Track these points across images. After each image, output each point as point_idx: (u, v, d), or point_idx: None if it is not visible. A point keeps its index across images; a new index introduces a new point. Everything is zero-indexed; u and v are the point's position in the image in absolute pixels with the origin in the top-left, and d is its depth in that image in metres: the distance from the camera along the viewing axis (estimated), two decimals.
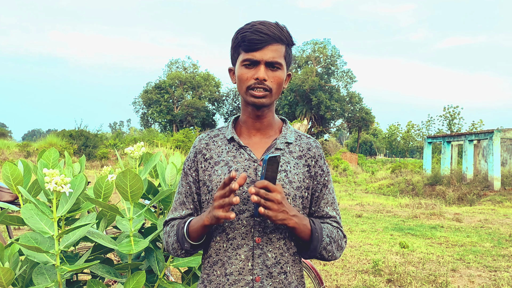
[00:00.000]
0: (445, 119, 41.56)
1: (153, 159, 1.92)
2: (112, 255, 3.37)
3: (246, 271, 1.21)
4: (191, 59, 66.62)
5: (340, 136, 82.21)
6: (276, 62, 1.23)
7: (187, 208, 1.33)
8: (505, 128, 16.61)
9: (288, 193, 1.25)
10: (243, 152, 1.29)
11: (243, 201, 1.23)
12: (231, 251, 1.23)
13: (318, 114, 45.35)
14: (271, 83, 1.23)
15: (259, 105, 1.25)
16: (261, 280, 1.21)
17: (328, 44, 46.94)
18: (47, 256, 1.57)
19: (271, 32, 1.21)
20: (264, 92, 1.23)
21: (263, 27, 1.21)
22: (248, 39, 1.21)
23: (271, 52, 1.22)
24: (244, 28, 1.24)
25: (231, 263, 1.22)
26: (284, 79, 1.28)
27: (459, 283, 4.89)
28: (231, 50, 1.30)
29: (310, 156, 1.33)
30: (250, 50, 1.22)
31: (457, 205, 13.90)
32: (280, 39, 1.23)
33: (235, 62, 1.29)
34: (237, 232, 1.23)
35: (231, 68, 1.35)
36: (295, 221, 1.17)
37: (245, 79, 1.23)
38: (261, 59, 1.21)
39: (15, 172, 1.80)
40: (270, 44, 1.22)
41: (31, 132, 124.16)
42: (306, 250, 1.27)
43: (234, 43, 1.27)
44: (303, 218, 1.21)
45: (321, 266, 5.31)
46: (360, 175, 26.87)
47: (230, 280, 1.22)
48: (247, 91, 1.24)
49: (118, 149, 25.40)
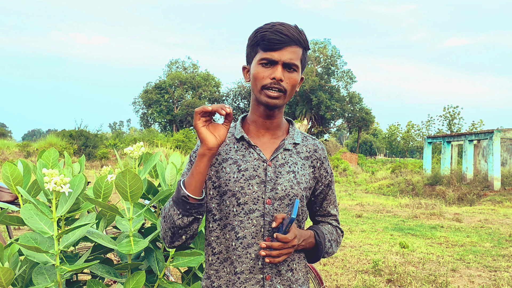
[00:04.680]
0: (445, 119, 41.57)
1: (153, 159, 1.92)
2: (112, 255, 3.37)
3: (257, 270, 1.24)
4: (191, 59, 66.66)
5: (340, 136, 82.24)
6: (294, 64, 1.24)
7: None
8: (505, 128, 16.61)
9: (296, 194, 1.28)
10: (252, 152, 1.29)
11: (253, 201, 1.25)
12: (241, 249, 1.24)
13: (318, 114, 45.37)
14: (287, 84, 1.24)
15: (272, 106, 1.26)
16: (271, 278, 1.24)
17: (328, 44, 46.97)
18: (47, 256, 1.57)
19: (291, 33, 1.22)
20: (279, 93, 1.24)
21: (283, 28, 1.22)
22: (268, 38, 1.21)
23: (290, 54, 1.23)
24: (263, 28, 1.24)
25: (241, 261, 1.24)
26: (298, 81, 1.29)
27: (459, 283, 4.89)
28: (248, 48, 1.30)
29: (316, 158, 1.37)
30: (269, 50, 1.22)
31: (457, 205, 13.90)
32: (298, 41, 1.24)
33: (251, 60, 1.29)
34: (247, 232, 1.24)
35: (245, 66, 1.35)
36: (303, 245, 1.28)
37: (261, 77, 1.24)
38: (279, 60, 1.22)
39: (15, 172, 1.80)
40: (289, 46, 1.23)
41: (31, 132, 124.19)
42: (310, 257, 1.36)
43: (252, 42, 1.27)
44: (309, 237, 1.30)
45: (321, 266, 5.31)
46: (360, 175, 26.86)
47: (242, 279, 1.24)
48: (262, 90, 1.24)
49: (118, 149, 25.40)
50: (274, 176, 1.27)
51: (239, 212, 1.25)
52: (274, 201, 1.26)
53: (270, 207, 1.25)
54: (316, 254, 1.32)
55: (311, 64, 45.82)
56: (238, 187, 1.25)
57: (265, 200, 1.25)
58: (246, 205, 1.24)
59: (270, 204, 1.25)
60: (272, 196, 1.25)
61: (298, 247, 1.24)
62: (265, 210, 1.24)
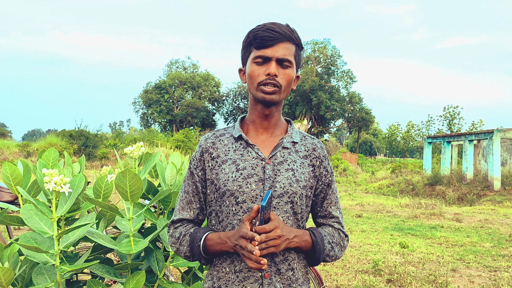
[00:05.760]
0: (445, 119, 41.57)
1: (153, 159, 1.92)
2: (112, 255, 3.38)
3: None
4: (191, 59, 66.58)
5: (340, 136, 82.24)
6: (287, 59, 1.26)
7: (194, 208, 1.34)
8: (505, 128, 16.61)
9: (295, 192, 1.28)
10: (250, 151, 1.30)
11: (251, 199, 1.25)
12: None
13: (318, 114, 45.36)
14: (281, 79, 1.26)
15: (268, 101, 1.27)
16: (270, 277, 1.24)
17: (328, 44, 46.97)
18: (47, 256, 1.57)
19: (282, 30, 1.25)
20: (274, 88, 1.25)
21: (274, 26, 1.25)
22: (260, 36, 1.24)
23: (282, 50, 1.25)
24: (256, 28, 1.28)
25: (240, 260, 1.24)
26: (294, 78, 1.31)
27: (459, 283, 4.89)
28: (242, 50, 1.33)
29: (315, 156, 1.37)
30: (262, 47, 1.25)
31: (457, 205, 13.90)
32: (290, 38, 1.27)
33: (246, 61, 1.31)
34: None
35: (241, 68, 1.37)
36: (296, 241, 1.23)
37: (257, 75, 1.26)
38: (273, 56, 1.25)
39: (15, 172, 1.80)
40: (281, 42, 1.25)
41: (31, 132, 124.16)
42: (309, 259, 1.33)
43: (245, 43, 1.30)
44: (303, 235, 1.26)
45: (321, 266, 5.31)
46: (360, 175, 26.86)
47: (240, 277, 1.23)
48: (258, 87, 1.26)
49: (118, 149, 25.40)
50: (273, 174, 1.27)
51: (238, 211, 1.25)
52: (273, 199, 1.26)
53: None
54: (314, 255, 1.28)
55: (311, 64, 45.82)
56: (237, 186, 1.25)
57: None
58: (244, 203, 1.25)
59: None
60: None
61: (290, 243, 1.21)
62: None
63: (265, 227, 1.15)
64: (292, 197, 1.27)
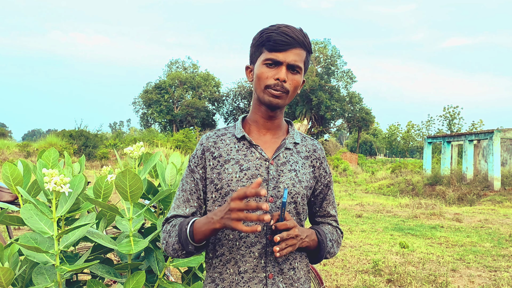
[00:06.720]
0: (445, 119, 41.58)
1: (153, 159, 1.92)
2: (112, 255, 3.38)
3: (260, 269, 1.24)
4: (191, 59, 66.67)
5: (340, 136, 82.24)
6: (297, 65, 1.26)
7: (191, 206, 1.31)
8: (505, 128, 16.61)
9: (298, 192, 1.29)
10: (254, 151, 1.30)
11: (255, 200, 1.24)
12: (244, 249, 1.24)
13: (318, 114, 45.36)
14: (289, 85, 1.26)
15: (274, 105, 1.27)
16: (273, 277, 1.25)
17: (328, 44, 46.97)
18: (47, 256, 1.57)
19: (296, 36, 1.24)
20: (282, 93, 1.25)
21: (289, 30, 1.24)
22: (274, 39, 1.23)
23: (294, 55, 1.25)
24: (269, 29, 1.26)
25: (244, 261, 1.23)
26: (301, 83, 1.31)
27: (459, 283, 4.89)
28: (252, 48, 1.32)
29: (315, 158, 1.39)
30: (274, 50, 1.24)
31: (457, 205, 13.90)
32: (303, 44, 1.27)
33: (255, 60, 1.30)
34: None
35: (248, 66, 1.36)
36: (307, 241, 1.26)
37: (265, 77, 1.25)
38: (284, 61, 1.24)
39: (15, 172, 1.80)
40: (294, 48, 1.25)
41: (31, 132, 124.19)
42: (313, 257, 1.36)
43: (257, 42, 1.28)
44: (311, 235, 1.29)
45: (321, 266, 5.31)
46: (360, 175, 26.86)
47: (245, 278, 1.23)
48: (265, 89, 1.26)
49: (118, 149, 25.39)
50: (276, 175, 1.28)
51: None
52: (277, 199, 1.26)
53: (272, 205, 1.25)
54: (319, 254, 1.32)
55: (311, 64, 45.81)
56: (241, 186, 1.24)
57: (268, 199, 1.25)
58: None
59: (273, 203, 1.25)
60: (274, 195, 1.26)
61: (302, 242, 1.23)
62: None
63: (287, 224, 1.16)
64: (296, 197, 1.28)
